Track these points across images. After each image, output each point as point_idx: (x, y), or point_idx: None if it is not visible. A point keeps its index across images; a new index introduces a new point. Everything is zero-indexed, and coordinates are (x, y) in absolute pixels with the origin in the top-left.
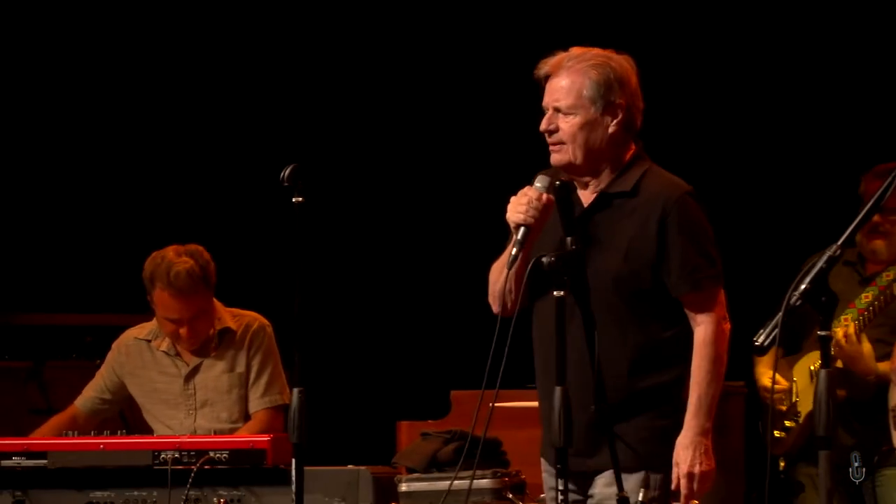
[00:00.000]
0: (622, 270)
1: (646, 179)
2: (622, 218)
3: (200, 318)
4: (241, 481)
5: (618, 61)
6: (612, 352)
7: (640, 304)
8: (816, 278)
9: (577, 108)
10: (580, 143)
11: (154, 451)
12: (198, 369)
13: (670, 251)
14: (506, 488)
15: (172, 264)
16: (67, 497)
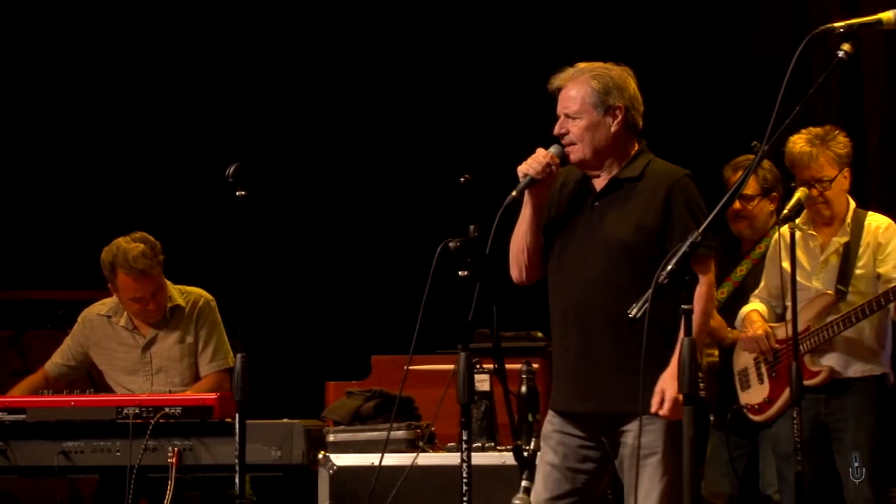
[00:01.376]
0: (634, 239)
1: (650, 167)
2: (631, 198)
3: (159, 293)
4: (192, 433)
5: (616, 71)
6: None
7: (649, 268)
8: (681, 260)
9: (583, 113)
10: (588, 142)
11: (117, 407)
12: (153, 341)
13: (674, 222)
14: (418, 438)
15: (128, 251)
16: (43, 447)
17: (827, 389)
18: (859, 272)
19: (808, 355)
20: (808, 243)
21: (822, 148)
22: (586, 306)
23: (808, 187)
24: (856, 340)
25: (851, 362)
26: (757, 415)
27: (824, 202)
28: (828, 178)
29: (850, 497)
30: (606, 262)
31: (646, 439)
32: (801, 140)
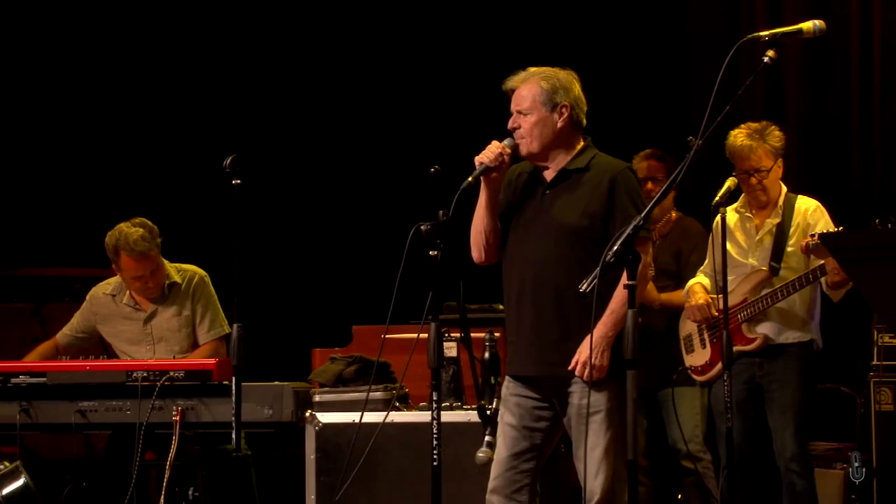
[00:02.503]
0: (581, 223)
1: (595, 160)
2: (578, 187)
3: (157, 272)
4: (193, 394)
5: (563, 74)
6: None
7: (594, 248)
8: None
9: (533, 110)
10: (536, 136)
11: (127, 371)
12: (153, 315)
13: (616, 208)
14: (394, 399)
15: (129, 235)
16: (61, 406)
17: (761, 354)
18: (790, 250)
19: (746, 324)
20: (745, 225)
21: (761, 141)
22: (539, 282)
23: (748, 176)
24: (788, 311)
25: (784, 330)
26: (700, 375)
27: (762, 189)
28: (765, 168)
29: (779, 449)
30: (557, 243)
31: (592, 399)
32: (741, 134)
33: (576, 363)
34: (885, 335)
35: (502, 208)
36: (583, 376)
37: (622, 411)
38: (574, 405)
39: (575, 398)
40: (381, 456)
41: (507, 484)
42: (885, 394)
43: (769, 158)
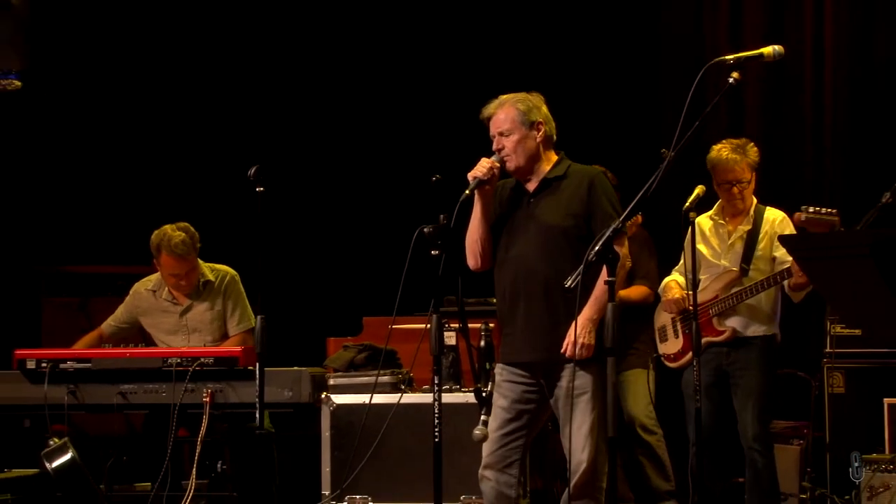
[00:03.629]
0: (567, 223)
1: (571, 168)
2: (560, 192)
3: (192, 273)
4: (221, 378)
5: (532, 97)
6: (550, 279)
7: (578, 244)
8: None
9: (513, 130)
10: (520, 152)
11: (163, 358)
12: (189, 308)
13: (595, 207)
14: (400, 382)
15: (172, 237)
16: (104, 389)
17: (729, 344)
18: (759, 254)
19: (716, 318)
20: (719, 230)
21: (743, 155)
22: (530, 278)
23: (730, 186)
24: (754, 307)
25: (750, 324)
26: (672, 362)
27: (741, 199)
28: (746, 180)
29: (742, 429)
30: (544, 242)
31: (578, 382)
32: (725, 149)
33: (567, 345)
34: (836, 326)
35: (492, 220)
36: (573, 356)
37: (604, 392)
38: (563, 387)
39: (564, 381)
40: (388, 433)
41: (499, 460)
42: (836, 378)
43: (749, 171)
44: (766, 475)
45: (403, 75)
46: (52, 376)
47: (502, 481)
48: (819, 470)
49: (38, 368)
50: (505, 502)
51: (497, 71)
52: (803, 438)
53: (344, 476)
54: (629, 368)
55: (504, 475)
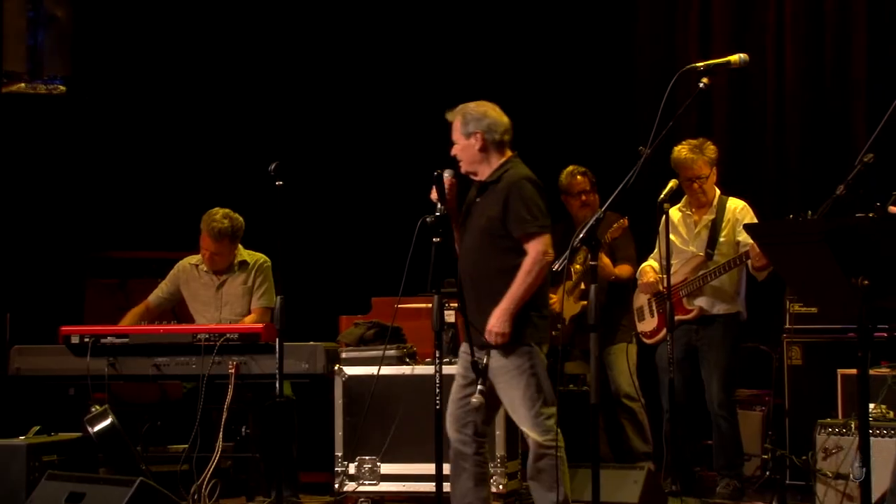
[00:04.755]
0: (492, 224)
1: (507, 173)
2: (490, 195)
3: (227, 255)
4: (245, 352)
5: (472, 106)
6: (489, 270)
7: (503, 242)
8: (589, 230)
9: (458, 139)
10: (465, 158)
11: (193, 334)
12: (224, 283)
13: (509, 210)
14: (405, 356)
15: (216, 220)
16: (141, 361)
17: (698, 322)
18: (722, 240)
19: (685, 298)
20: (687, 221)
21: (700, 154)
22: (466, 271)
23: (691, 182)
24: (719, 288)
25: (716, 303)
26: (649, 339)
27: (702, 192)
28: (704, 175)
29: (709, 398)
30: (476, 240)
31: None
32: (684, 149)
33: (488, 331)
34: (795, 304)
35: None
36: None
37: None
38: (491, 367)
39: (492, 361)
40: (394, 401)
41: (456, 419)
42: (795, 350)
43: (707, 167)
44: (731, 438)
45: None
46: (94, 350)
47: (458, 439)
48: (779, 433)
49: (81, 343)
50: (462, 458)
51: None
52: (765, 405)
53: (355, 439)
54: (615, 343)
55: (460, 434)
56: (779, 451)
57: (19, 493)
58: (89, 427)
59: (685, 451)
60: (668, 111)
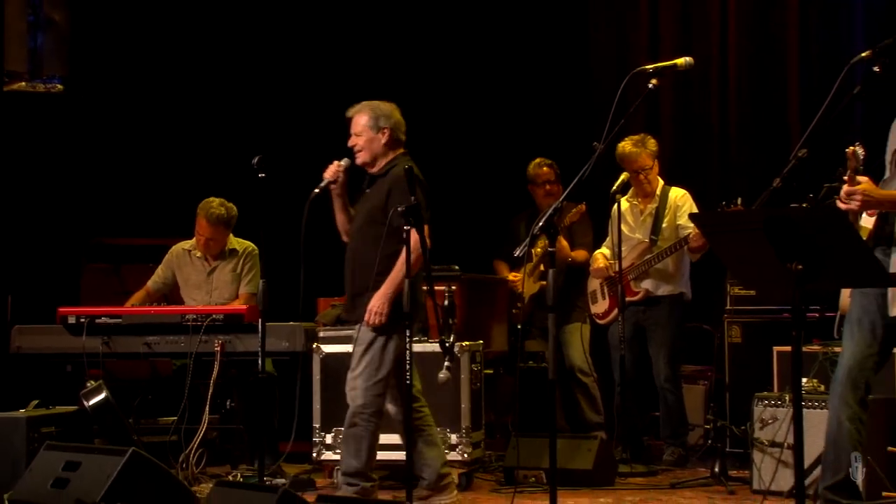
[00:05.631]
0: (375, 213)
1: (395, 168)
2: (378, 188)
3: (219, 241)
4: (230, 331)
5: (385, 105)
6: (369, 257)
7: (379, 229)
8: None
9: (364, 132)
10: (368, 150)
11: (182, 314)
12: (215, 269)
13: (390, 201)
14: None
15: (211, 206)
16: (133, 340)
17: (644, 303)
18: (665, 226)
19: (632, 281)
20: (634, 210)
21: (643, 148)
22: (354, 254)
23: (637, 174)
24: (663, 270)
25: (661, 285)
26: (601, 319)
27: (647, 182)
28: (648, 167)
29: (656, 372)
30: (361, 227)
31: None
32: (628, 144)
33: (368, 311)
34: (735, 287)
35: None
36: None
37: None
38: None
39: (356, 332)
40: None
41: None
42: (734, 330)
43: (650, 159)
44: (676, 410)
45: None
46: (90, 329)
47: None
48: (720, 405)
49: (78, 323)
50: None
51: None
52: (707, 380)
53: (332, 412)
54: (570, 322)
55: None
56: (720, 421)
57: (20, 463)
58: (85, 401)
59: (635, 422)
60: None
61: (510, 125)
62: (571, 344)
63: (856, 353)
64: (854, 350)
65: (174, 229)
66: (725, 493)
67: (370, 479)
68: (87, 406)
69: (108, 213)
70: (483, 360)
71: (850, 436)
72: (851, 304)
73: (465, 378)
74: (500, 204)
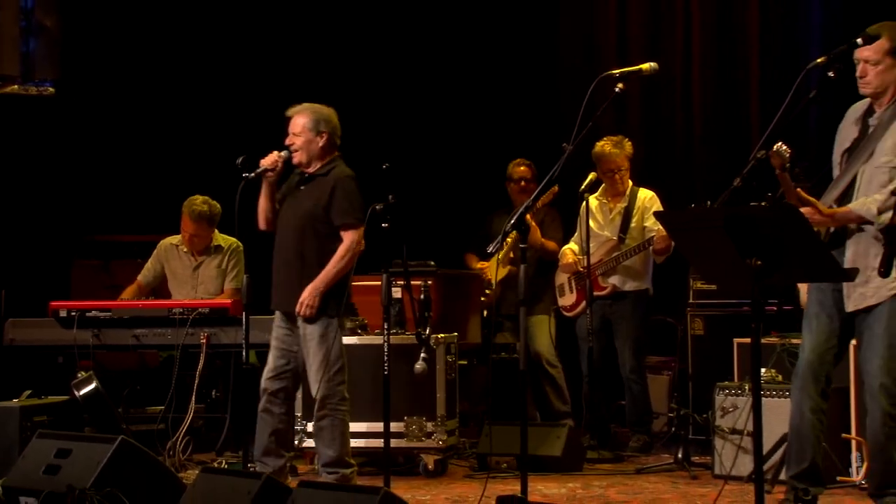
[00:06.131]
0: (316, 211)
1: (334, 170)
2: (318, 187)
3: (203, 238)
4: (215, 324)
5: (325, 110)
6: (309, 252)
7: (323, 227)
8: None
9: (303, 133)
10: (305, 150)
11: (169, 308)
12: (201, 264)
13: (334, 200)
14: (357, 327)
15: (196, 205)
16: (122, 332)
17: (611, 297)
18: (633, 225)
19: (600, 276)
20: (604, 208)
21: (621, 149)
22: (289, 246)
23: (613, 173)
24: (630, 267)
25: (627, 281)
26: (569, 312)
27: (620, 182)
28: (624, 168)
29: (622, 363)
30: (300, 221)
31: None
32: (608, 144)
33: (300, 303)
34: (697, 282)
35: (281, 196)
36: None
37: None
38: (301, 334)
39: (301, 330)
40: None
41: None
42: (697, 322)
43: (626, 161)
44: (641, 399)
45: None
46: (80, 322)
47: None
48: (683, 394)
49: (69, 316)
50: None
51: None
52: (671, 370)
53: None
54: (536, 314)
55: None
56: (683, 410)
57: (13, 450)
58: (76, 391)
59: (602, 411)
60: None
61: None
62: (538, 336)
63: (815, 347)
64: (813, 344)
65: (160, 226)
66: (688, 478)
67: (349, 464)
68: (78, 396)
69: (96, 212)
70: (457, 352)
71: (812, 426)
72: (808, 299)
73: (441, 369)
74: (476, 202)
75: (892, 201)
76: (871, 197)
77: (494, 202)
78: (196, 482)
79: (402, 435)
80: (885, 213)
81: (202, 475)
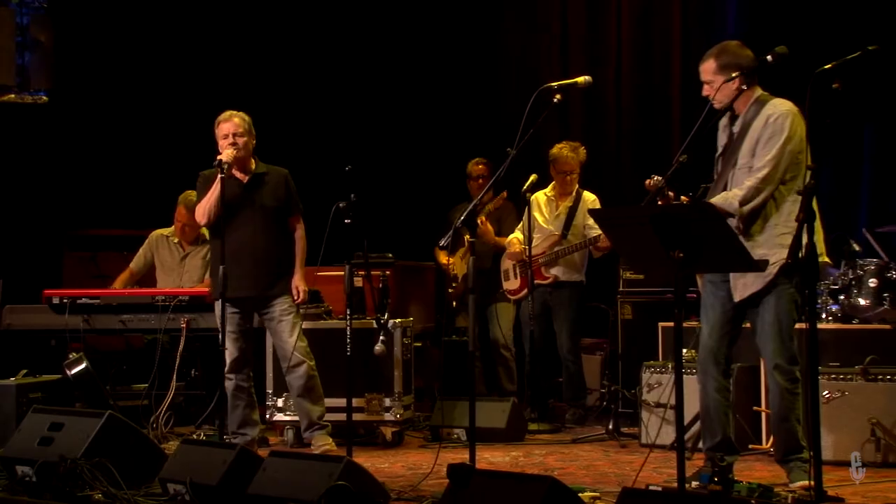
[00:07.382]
0: (275, 205)
1: (273, 169)
2: (268, 184)
3: (192, 227)
4: (194, 310)
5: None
6: (269, 243)
7: (280, 220)
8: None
9: (245, 135)
10: (246, 151)
11: (153, 296)
12: (187, 255)
13: (291, 195)
14: (323, 313)
15: (190, 198)
16: (110, 318)
17: (552, 286)
18: (576, 223)
19: (543, 267)
20: (551, 205)
21: (576, 154)
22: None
23: (566, 175)
24: (570, 260)
25: (567, 272)
26: (512, 296)
27: (571, 184)
28: (576, 171)
29: (560, 344)
30: (263, 218)
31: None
32: (566, 148)
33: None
34: (626, 272)
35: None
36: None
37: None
38: (276, 313)
39: (276, 309)
40: (314, 348)
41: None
42: (626, 308)
43: (578, 165)
44: (576, 377)
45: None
46: (71, 308)
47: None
48: (614, 372)
49: (61, 303)
50: (241, 391)
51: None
52: (603, 351)
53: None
54: (497, 302)
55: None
56: (613, 386)
57: (10, 424)
58: (67, 370)
59: (542, 387)
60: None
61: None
62: (500, 322)
63: (712, 333)
64: (710, 331)
65: (144, 222)
66: (618, 446)
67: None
68: (70, 375)
69: (85, 208)
70: (413, 335)
71: (719, 404)
72: (703, 290)
73: (398, 350)
74: (432, 200)
75: (751, 193)
76: (732, 191)
77: (452, 198)
78: (177, 452)
79: (363, 409)
80: (746, 205)
81: (182, 446)
